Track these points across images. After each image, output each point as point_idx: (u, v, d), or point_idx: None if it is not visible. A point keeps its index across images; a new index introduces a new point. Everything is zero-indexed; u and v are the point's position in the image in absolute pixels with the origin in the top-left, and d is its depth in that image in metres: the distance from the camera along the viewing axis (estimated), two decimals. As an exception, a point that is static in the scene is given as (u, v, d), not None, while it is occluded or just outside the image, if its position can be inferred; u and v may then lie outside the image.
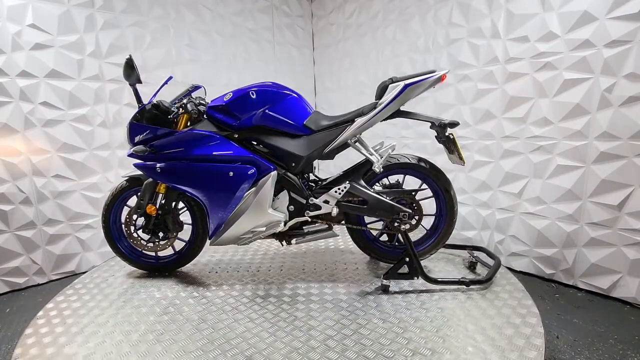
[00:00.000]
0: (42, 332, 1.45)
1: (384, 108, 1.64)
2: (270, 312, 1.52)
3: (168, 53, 2.95)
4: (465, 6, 2.53)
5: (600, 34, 1.93)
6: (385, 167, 1.75)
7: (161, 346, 1.31)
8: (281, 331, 1.37)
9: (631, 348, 1.66)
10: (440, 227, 1.83)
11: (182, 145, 1.76)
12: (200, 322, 1.46)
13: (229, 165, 1.71)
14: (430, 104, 2.85)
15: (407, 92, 1.60)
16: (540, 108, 2.22)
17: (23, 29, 2.30)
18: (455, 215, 1.79)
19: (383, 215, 1.71)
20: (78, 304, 1.67)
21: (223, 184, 1.71)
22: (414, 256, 1.68)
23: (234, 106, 1.74)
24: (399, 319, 1.43)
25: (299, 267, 1.98)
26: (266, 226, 1.73)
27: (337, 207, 1.72)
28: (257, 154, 1.76)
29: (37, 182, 2.43)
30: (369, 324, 1.40)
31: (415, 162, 1.76)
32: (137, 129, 1.78)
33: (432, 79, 1.60)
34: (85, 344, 1.36)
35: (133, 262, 1.97)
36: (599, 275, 2.09)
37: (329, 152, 1.74)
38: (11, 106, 2.30)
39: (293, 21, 3.79)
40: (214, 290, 1.74)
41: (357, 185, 1.71)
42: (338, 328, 1.38)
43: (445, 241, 1.83)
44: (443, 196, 1.78)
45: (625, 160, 1.93)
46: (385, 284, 1.68)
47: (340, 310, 1.51)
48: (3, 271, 2.36)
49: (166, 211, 1.86)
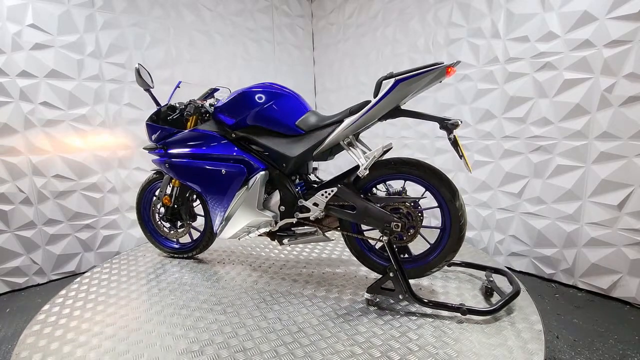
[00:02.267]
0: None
1: (371, 107, 1.48)
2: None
3: (168, 53, 2.95)
4: (465, 6, 2.53)
5: (600, 34, 1.93)
6: (382, 172, 1.58)
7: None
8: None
9: (631, 348, 1.66)
10: (442, 243, 1.57)
11: (185, 143, 1.91)
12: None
13: (222, 163, 1.80)
14: (429, 104, 2.85)
15: (399, 89, 1.42)
16: (540, 108, 2.22)
17: (23, 29, 2.30)
18: (462, 231, 1.51)
19: (372, 223, 1.56)
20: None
21: (217, 181, 1.80)
22: (399, 272, 1.50)
23: (231, 106, 1.80)
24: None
25: (299, 268, 1.98)
26: (257, 224, 1.76)
27: (325, 211, 1.63)
28: (250, 153, 1.79)
29: (37, 182, 2.43)
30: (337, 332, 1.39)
31: (414, 166, 1.54)
32: (151, 129, 2.02)
33: (433, 73, 1.38)
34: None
35: (157, 245, 2.25)
36: (599, 275, 2.09)
37: (321, 153, 1.66)
38: (11, 106, 2.30)
39: (293, 21, 3.79)
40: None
41: (345, 189, 1.57)
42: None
43: (450, 259, 1.57)
44: (446, 207, 1.53)
45: (625, 160, 1.93)
46: (368, 298, 1.56)
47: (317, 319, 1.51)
48: (3, 271, 2.35)
49: (180, 202, 2.09)
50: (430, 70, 1.39)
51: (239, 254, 2.25)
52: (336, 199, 1.60)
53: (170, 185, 2.08)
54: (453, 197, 1.49)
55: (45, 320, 1.54)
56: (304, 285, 1.77)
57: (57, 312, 1.60)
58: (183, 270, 2.01)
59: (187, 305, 1.61)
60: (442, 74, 1.38)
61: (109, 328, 1.45)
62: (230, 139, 1.82)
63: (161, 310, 1.58)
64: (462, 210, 1.50)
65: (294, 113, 1.72)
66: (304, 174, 1.83)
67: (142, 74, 1.95)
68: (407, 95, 1.45)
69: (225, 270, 1.99)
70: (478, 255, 2.10)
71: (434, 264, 1.59)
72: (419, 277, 1.65)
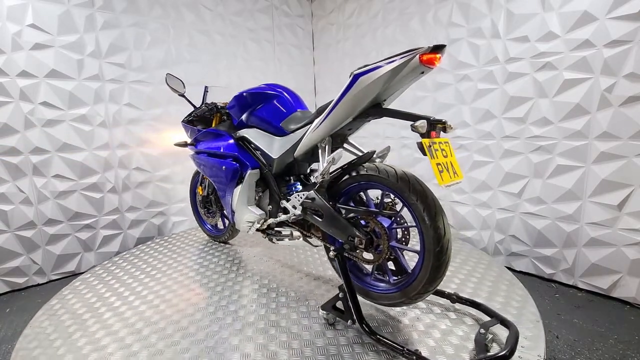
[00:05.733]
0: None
1: (333, 107, 1.32)
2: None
3: (168, 53, 2.94)
4: (465, 6, 2.53)
5: (600, 34, 1.93)
6: (355, 179, 1.38)
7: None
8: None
9: (631, 348, 1.66)
10: (417, 269, 1.24)
11: (203, 141, 2.11)
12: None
13: (222, 160, 1.89)
14: (429, 104, 2.85)
15: (359, 84, 1.22)
16: (540, 108, 2.22)
17: (23, 29, 2.30)
18: (440, 259, 1.17)
19: (336, 234, 1.40)
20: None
21: (220, 176, 1.91)
22: (349, 294, 1.32)
23: (234, 107, 1.92)
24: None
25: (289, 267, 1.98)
26: (253, 220, 1.81)
27: (303, 214, 1.51)
28: (247, 152, 1.85)
29: (37, 182, 2.43)
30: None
31: (384, 174, 1.27)
32: (185, 128, 2.33)
33: (396, 64, 1.13)
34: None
35: (201, 227, 2.62)
36: (599, 275, 2.09)
37: (303, 155, 1.56)
38: (11, 106, 2.30)
39: (293, 21, 3.79)
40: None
41: (316, 194, 1.42)
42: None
43: (430, 290, 1.23)
44: (420, 228, 1.21)
45: (625, 160, 1.93)
46: (323, 316, 1.43)
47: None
48: (3, 271, 2.35)
49: (210, 192, 2.38)
50: (392, 60, 1.15)
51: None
52: (311, 203, 1.46)
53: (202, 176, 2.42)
54: (429, 217, 1.17)
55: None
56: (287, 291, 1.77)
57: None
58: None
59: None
60: (415, 64, 1.11)
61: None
62: (234, 137, 1.91)
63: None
64: (440, 234, 1.17)
65: (281, 113, 1.71)
66: (303, 174, 1.82)
67: (170, 82, 2.20)
68: (379, 91, 1.22)
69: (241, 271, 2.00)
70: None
71: (407, 293, 1.28)
72: (394, 307, 1.40)
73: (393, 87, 1.23)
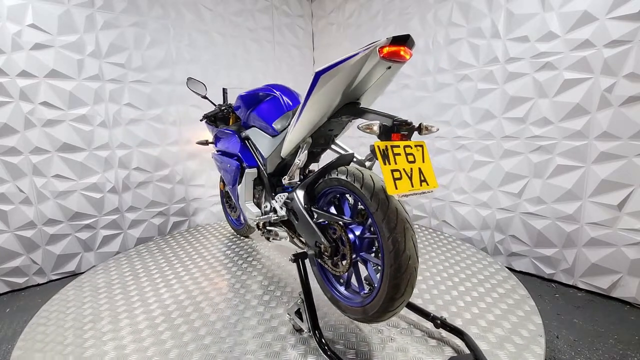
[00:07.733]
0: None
1: (302, 107, 1.27)
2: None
3: (168, 53, 2.94)
4: (465, 6, 2.53)
5: (600, 34, 1.93)
6: (328, 183, 1.29)
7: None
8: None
9: (631, 348, 1.66)
10: (378, 286, 1.12)
11: (218, 140, 2.22)
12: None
13: (229, 158, 1.99)
14: (427, 104, 2.85)
15: (321, 83, 1.16)
16: (540, 108, 2.22)
17: (23, 29, 2.30)
18: (396, 277, 1.03)
19: (307, 238, 1.35)
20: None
21: (227, 173, 2.02)
22: (305, 300, 1.24)
23: (238, 108, 1.99)
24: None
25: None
26: (252, 217, 1.81)
27: (287, 215, 1.48)
28: (249, 151, 1.88)
29: (37, 182, 2.43)
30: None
31: (350, 178, 1.16)
32: (208, 127, 2.44)
33: (354, 60, 1.05)
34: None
35: (228, 221, 2.74)
36: (599, 275, 2.09)
37: (290, 156, 1.55)
38: (11, 106, 2.30)
39: (293, 21, 3.79)
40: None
41: (294, 195, 1.37)
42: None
43: (391, 310, 1.09)
44: (379, 240, 1.08)
45: (625, 160, 1.93)
46: (292, 323, 1.36)
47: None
48: (3, 271, 2.35)
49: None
50: (352, 56, 1.06)
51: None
52: (291, 203, 1.42)
53: None
54: (388, 228, 1.03)
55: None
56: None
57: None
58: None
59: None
60: (376, 59, 1.02)
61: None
62: (240, 137, 1.96)
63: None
64: (399, 248, 1.02)
65: (274, 113, 1.72)
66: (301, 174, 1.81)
67: (191, 86, 2.28)
68: (344, 89, 1.15)
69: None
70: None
71: (367, 311, 1.16)
72: (364, 323, 1.28)
73: (363, 84, 1.15)
